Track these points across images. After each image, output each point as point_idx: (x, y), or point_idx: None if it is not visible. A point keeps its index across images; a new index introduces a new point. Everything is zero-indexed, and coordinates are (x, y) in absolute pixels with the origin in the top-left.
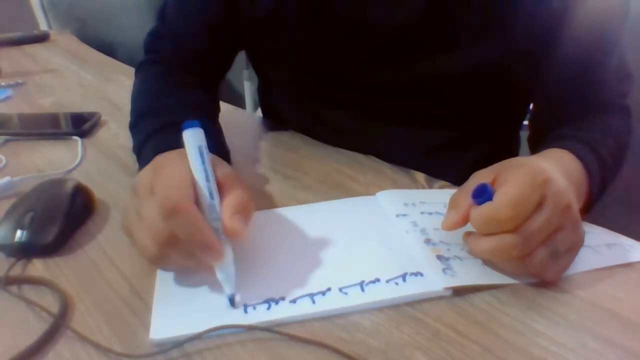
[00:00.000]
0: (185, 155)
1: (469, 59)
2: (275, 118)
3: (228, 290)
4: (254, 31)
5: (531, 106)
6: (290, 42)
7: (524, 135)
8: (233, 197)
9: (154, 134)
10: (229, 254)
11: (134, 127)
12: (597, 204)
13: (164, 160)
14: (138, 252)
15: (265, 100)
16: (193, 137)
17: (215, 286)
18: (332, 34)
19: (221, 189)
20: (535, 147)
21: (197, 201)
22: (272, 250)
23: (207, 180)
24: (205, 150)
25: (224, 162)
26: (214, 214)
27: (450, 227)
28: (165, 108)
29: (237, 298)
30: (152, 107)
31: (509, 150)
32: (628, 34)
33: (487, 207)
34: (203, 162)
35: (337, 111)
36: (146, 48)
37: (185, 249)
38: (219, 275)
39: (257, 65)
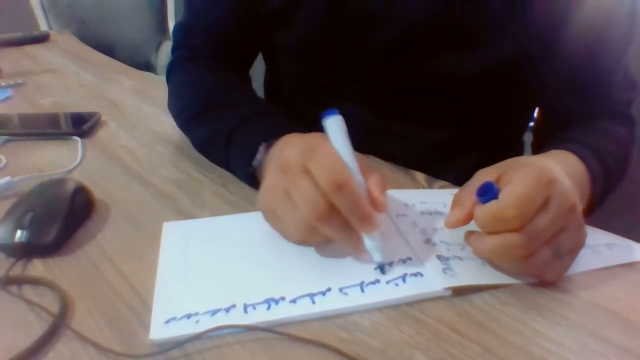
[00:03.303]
0: (325, 139)
1: (479, 59)
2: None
3: (377, 258)
4: (270, 22)
5: (536, 113)
6: (306, 34)
7: (527, 139)
8: (375, 178)
9: (248, 119)
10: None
11: (201, 116)
12: (597, 208)
13: (310, 142)
14: (285, 232)
15: (272, 92)
16: (338, 124)
17: (216, 286)
18: (345, 28)
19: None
20: (539, 152)
21: None
22: (272, 250)
23: (356, 162)
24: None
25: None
26: (362, 193)
27: (453, 224)
28: (236, 100)
29: (387, 266)
30: (221, 99)
31: (512, 153)
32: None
33: (492, 205)
34: (351, 147)
35: (343, 104)
36: (178, 43)
37: (338, 222)
38: (368, 245)
39: (269, 55)
